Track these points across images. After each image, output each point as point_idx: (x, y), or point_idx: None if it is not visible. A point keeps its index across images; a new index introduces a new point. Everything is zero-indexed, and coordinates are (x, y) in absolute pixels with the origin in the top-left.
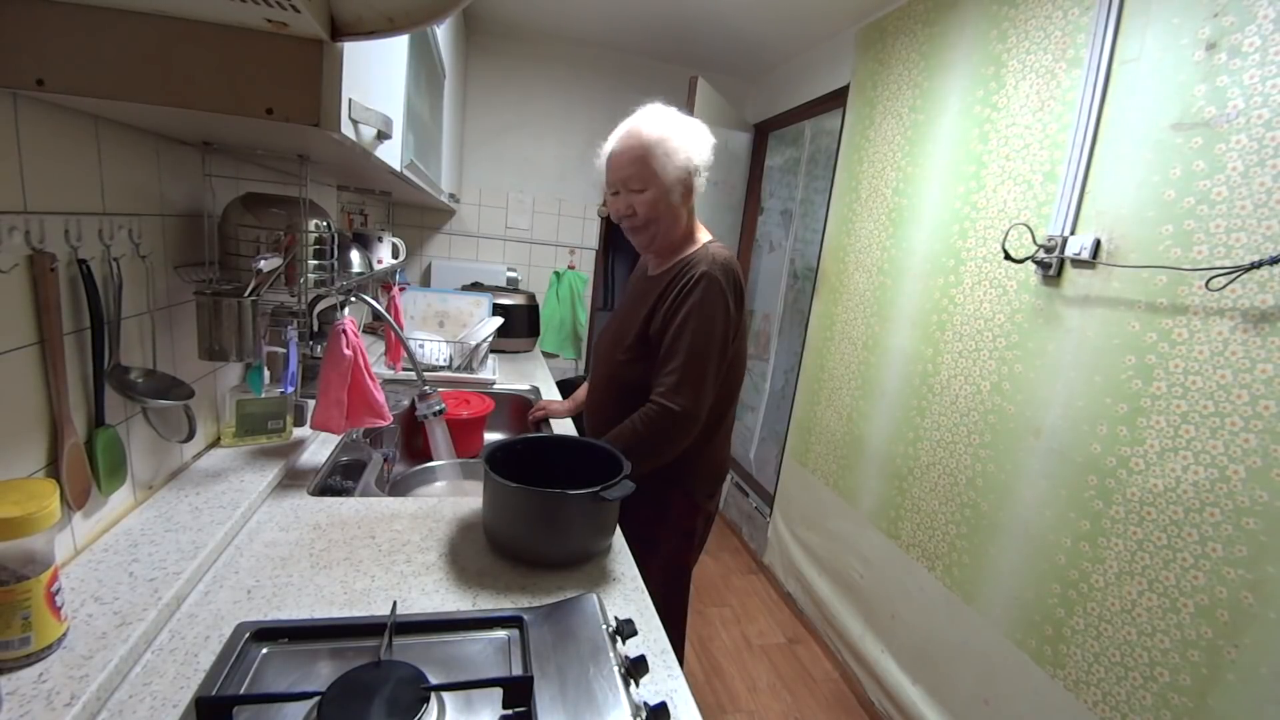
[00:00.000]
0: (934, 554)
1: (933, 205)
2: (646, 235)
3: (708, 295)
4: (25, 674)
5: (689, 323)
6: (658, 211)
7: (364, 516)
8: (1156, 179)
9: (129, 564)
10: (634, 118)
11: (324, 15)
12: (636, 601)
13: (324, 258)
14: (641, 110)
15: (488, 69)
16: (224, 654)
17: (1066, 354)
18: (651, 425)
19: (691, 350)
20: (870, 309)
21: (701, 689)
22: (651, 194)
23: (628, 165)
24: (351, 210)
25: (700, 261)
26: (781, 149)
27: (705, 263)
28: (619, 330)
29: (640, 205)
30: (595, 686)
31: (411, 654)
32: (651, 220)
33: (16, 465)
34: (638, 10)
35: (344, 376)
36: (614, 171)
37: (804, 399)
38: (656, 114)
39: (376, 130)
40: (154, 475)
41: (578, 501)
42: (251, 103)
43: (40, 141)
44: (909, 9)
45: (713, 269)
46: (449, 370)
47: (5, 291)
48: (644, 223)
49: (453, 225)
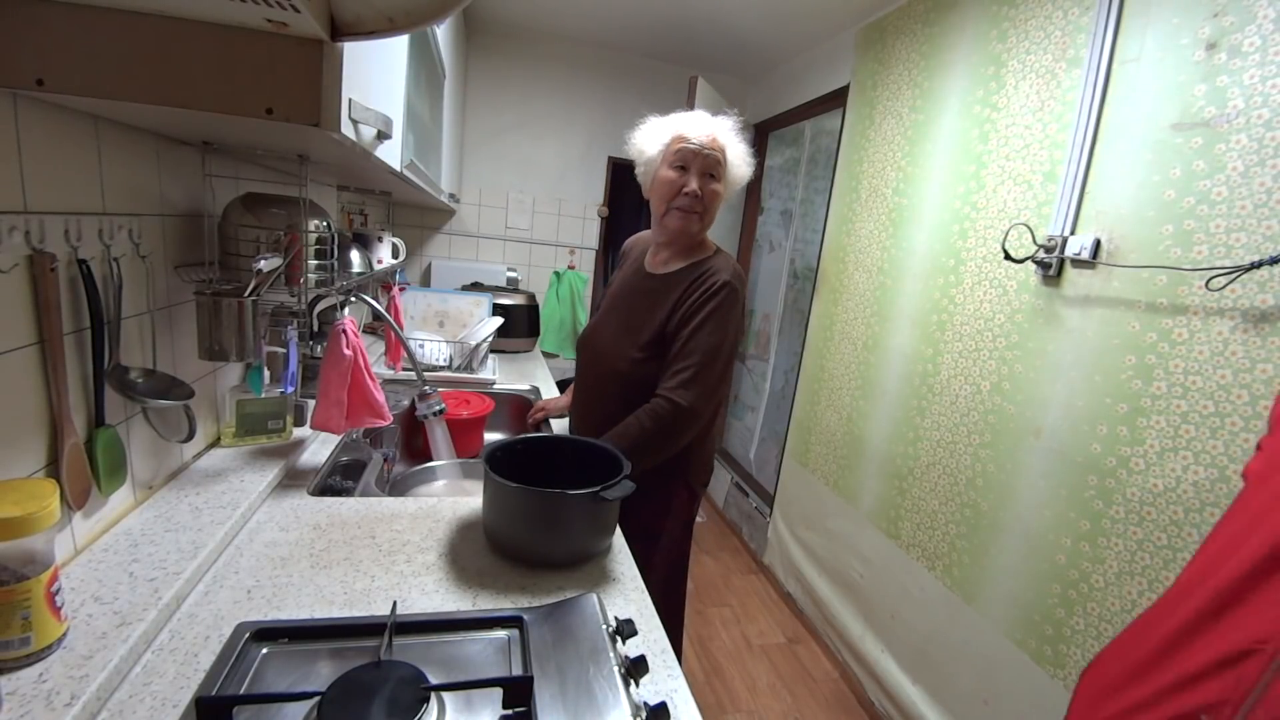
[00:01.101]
0: (934, 554)
1: (933, 205)
2: (699, 222)
3: (727, 304)
4: (25, 674)
5: (707, 325)
6: (716, 205)
7: (364, 516)
8: (1156, 179)
9: (129, 564)
10: (705, 116)
11: (324, 15)
12: (636, 601)
13: (324, 258)
14: (705, 114)
15: (488, 69)
16: (224, 654)
17: (1067, 354)
18: (660, 421)
19: (707, 352)
20: (870, 309)
21: (701, 689)
22: (719, 187)
23: (714, 153)
24: (351, 210)
25: (723, 270)
26: (781, 149)
27: (728, 272)
28: (628, 329)
29: (709, 194)
30: (595, 686)
31: (411, 654)
32: (709, 210)
33: (16, 465)
34: (638, 10)
35: (344, 376)
36: (696, 153)
37: (804, 399)
38: (726, 122)
39: (376, 130)
40: (154, 475)
41: (578, 501)
42: (251, 103)
43: (40, 141)
44: (909, 9)
45: (734, 280)
46: (449, 370)
47: (5, 291)
48: (703, 210)
49: (453, 225)
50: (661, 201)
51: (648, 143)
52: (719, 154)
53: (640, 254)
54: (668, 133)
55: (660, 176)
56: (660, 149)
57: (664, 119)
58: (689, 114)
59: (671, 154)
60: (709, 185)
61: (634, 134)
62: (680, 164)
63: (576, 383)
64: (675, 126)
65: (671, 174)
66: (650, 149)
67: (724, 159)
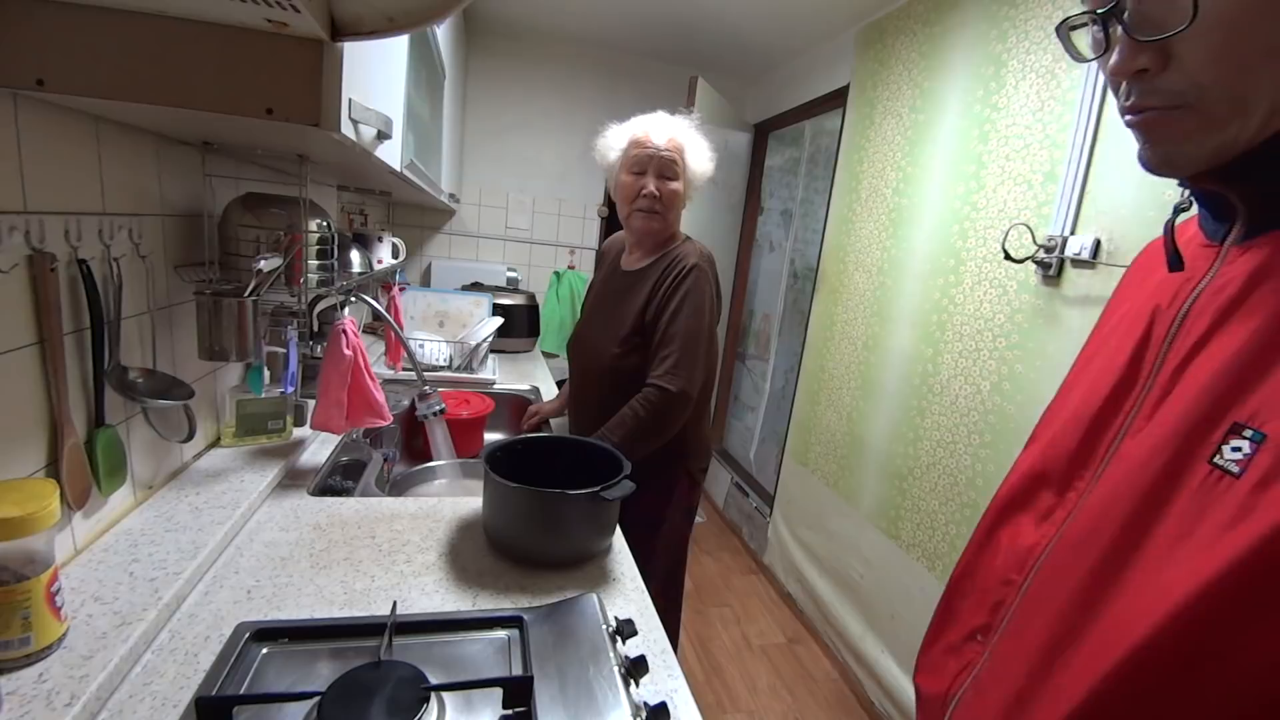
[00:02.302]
0: (934, 554)
1: (933, 205)
2: (661, 221)
3: (697, 285)
4: (25, 674)
5: (683, 310)
6: (677, 203)
7: (364, 516)
8: (1156, 179)
9: (129, 564)
10: (661, 117)
11: (324, 15)
12: (636, 601)
13: (324, 258)
14: (663, 114)
15: (488, 69)
16: (224, 654)
17: (1067, 354)
18: (652, 408)
19: (686, 335)
20: (870, 309)
21: (701, 689)
22: (678, 186)
23: (669, 154)
24: (351, 210)
25: (689, 255)
26: (781, 149)
27: (694, 256)
28: (608, 326)
29: (667, 195)
30: (595, 686)
31: (411, 654)
32: (669, 209)
33: (16, 465)
34: (638, 10)
35: (344, 376)
36: (651, 157)
37: (804, 399)
38: (683, 122)
39: (376, 130)
40: (154, 475)
41: (578, 501)
42: (251, 103)
43: (40, 141)
44: (909, 9)
45: (701, 261)
46: (449, 370)
47: (5, 291)
48: (664, 209)
49: (453, 225)
50: (624, 204)
51: (609, 149)
52: (675, 154)
53: (616, 255)
54: (624, 138)
55: (620, 181)
56: (619, 155)
57: (623, 125)
58: (646, 118)
59: (629, 159)
60: (666, 186)
61: (597, 142)
62: (637, 169)
63: (570, 384)
64: (631, 131)
65: (629, 178)
66: (611, 155)
67: (681, 158)
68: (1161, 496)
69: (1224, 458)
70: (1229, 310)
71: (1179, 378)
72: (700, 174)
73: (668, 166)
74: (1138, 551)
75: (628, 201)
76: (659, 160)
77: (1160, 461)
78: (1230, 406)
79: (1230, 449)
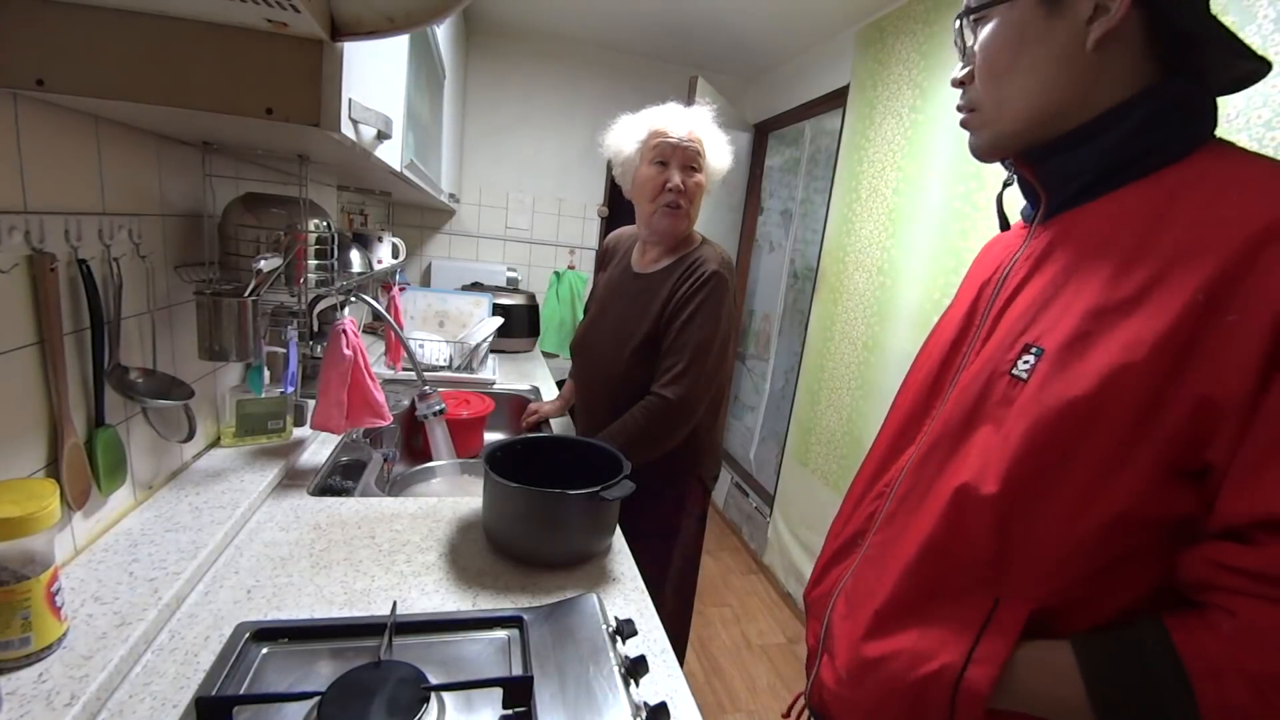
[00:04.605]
0: None
1: (933, 205)
2: (685, 218)
3: (716, 294)
4: (25, 674)
5: (697, 317)
6: (699, 198)
7: (364, 516)
8: None
9: (129, 564)
10: (678, 108)
11: (324, 15)
12: (636, 601)
13: (324, 258)
14: (678, 105)
15: (488, 69)
16: (224, 654)
17: None
18: (654, 418)
19: (698, 345)
20: (870, 309)
21: (701, 689)
22: (701, 179)
23: (692, 145)
24: (351, 210)
25: (709, 259)
26: (781, 149)
27: (714, 261)
28: (618, 332)
29: (691, 187)
30: (595, 686)
31: (411, 654)
32: (693, 204)
33: (16, 465)
34: (637, 10)
35: (344, 376)
36: (675, 147)
37: (804, 399)
38: (704, 114)
39: (376, 130)
40: (154, 475)
41: (578, 501)
42: (251, 103)
43: (40, 141)
44: (909, 9)
45: (722, 269)
46: (449, 370)
47: (5, 291)
48: (688, 204)
49: (453, 225)
50: (646, 200)
51: (624, 141)
52: (697, 145)
53: (626, 252)
54: (644, 129)
55: (641, 174)
56: (638, 146)
57: (638, 115)
58: (663, 108)
59: (650, 150)
60: (691, 178)
61: (606, 134)
62: (660, 159)
63: (577, 387)
64: (651, 122)
65: (652, 170)
66: (627, 147)
67: (703, 150)
68: (980, 407)
69: (1017, 369)
70: (1032, 271)
71: (997, 323)
72: (718, 170)
73: (693, 158)
74: (964, 446)
75: (651, 197)
76: (683, 151)
77: (981, 381)
78: (1024, 333)
79: (1022, 362)
